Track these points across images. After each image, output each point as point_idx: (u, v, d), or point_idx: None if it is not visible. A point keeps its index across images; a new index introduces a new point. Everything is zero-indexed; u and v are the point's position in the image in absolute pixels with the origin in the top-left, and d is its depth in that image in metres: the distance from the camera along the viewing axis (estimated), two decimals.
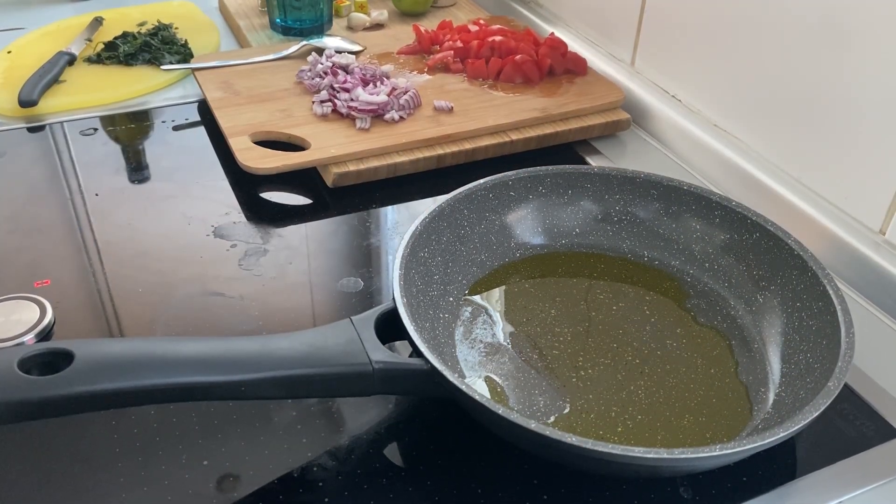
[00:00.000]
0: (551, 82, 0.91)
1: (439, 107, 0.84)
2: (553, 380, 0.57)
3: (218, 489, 0.50)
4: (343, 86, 0.84)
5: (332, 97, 0.83)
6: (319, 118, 0.82)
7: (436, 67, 0.93)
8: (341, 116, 0.82)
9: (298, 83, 0.88)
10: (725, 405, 0.56)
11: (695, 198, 0.67)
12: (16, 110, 0.87)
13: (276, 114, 0.82)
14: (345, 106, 0.82)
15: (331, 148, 0.78)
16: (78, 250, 0.70)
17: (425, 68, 0.93)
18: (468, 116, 0.84)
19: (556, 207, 0.69)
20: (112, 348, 0.48)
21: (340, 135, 0.80)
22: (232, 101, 0.84)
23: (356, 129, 0.80)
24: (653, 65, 0.91)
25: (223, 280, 0.67)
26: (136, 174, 0.80)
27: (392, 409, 0.56)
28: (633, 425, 0.54)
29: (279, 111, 0.83)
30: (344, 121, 0.82)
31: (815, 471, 0.53)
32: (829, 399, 0.48)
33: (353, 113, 0.81)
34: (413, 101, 0.84)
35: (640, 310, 0.63)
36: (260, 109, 0.83)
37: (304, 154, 0.77)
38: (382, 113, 0.82)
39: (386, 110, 0.82)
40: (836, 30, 0.68)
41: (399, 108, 0.83)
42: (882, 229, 0.68)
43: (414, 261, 0.59)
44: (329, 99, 0.83)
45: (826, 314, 0.56)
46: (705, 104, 0.85)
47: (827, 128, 0.70)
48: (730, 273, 0.65)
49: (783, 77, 0.74)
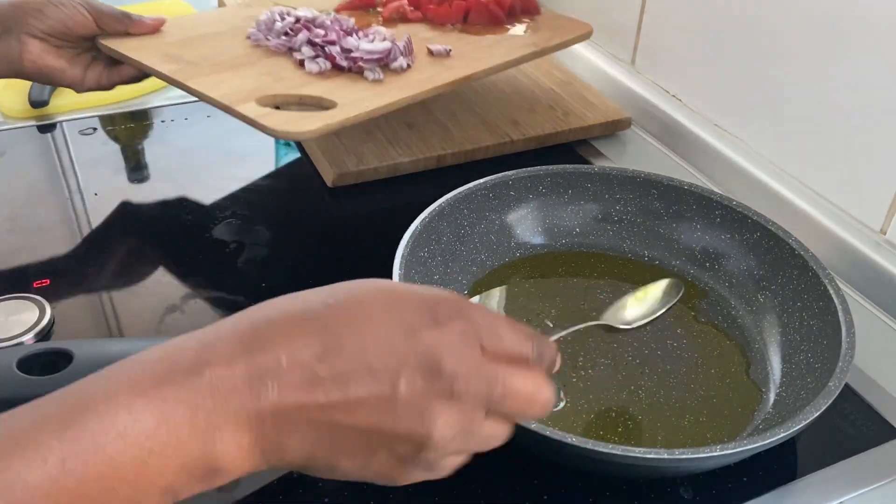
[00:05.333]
0: (515, 22, 0.88)
1: (437, 51, 0.79)
2: (553, 380, 0.57)
3: (218, 489, 0.50)
4: (326, 39, 0.75)
5: (319, 52, 0.74)
6: (317, 76, 0.73)
7: (392, 18, 0.87)
8: (341, 71, 0.74)
9: (255, 46, 0.77)
10: (726, 405, 0.56)
11: (695, 197, 0.66)
12: (17, 110, 0.87)
13: (264, 77, 0.71)
14: (344, 58, 0.74)
15: (362, 102, 0.69)
16: (77, 250, 0.70)
17: (379, 21, 0.86)
18: (470, 58, 0.78)
19: (556, 207, 0.69)
20: (111, 348, 0.48)
21: (358, 89, 0.71)
22: (196, 71, 0.71)
23: (369, 82, 0.72)
24: (653, 64, 0.91)
25: (223, 280, 0.67)
26: (136, 174, 0.80)
27: None
28: (633, 425, 0.54)
29: (265, 75, 0.72)
30: (347, 75, 0.73)
31: (815, 471, 0.53)
32: (830, 399, 0.48)
33: (361, 64, 0.73)
34: (410, 46, 0.77)
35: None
36: (240, 76, 0.71)
37: (339, 112, 0.67)
38: (388, 62, 0.74)
39: (392, 58, 0.74)
40: (837, 29, 0.67)
41: (403, 54, 0.75)
42: (883, 229, 0.68)
43: (414, 261, 0.59)
44: (318, 54, 0.74)
45: (827, 314, 0.56)
46: (705, 104, 0.84)
47: (827, 127, 0.70)
48: (730, 273, 0.65)
49: (784, 76, 0.74)
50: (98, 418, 0.30)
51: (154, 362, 0.33)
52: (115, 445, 0.30)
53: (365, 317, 0.35)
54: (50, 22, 0.71)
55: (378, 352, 0.34)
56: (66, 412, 0.30)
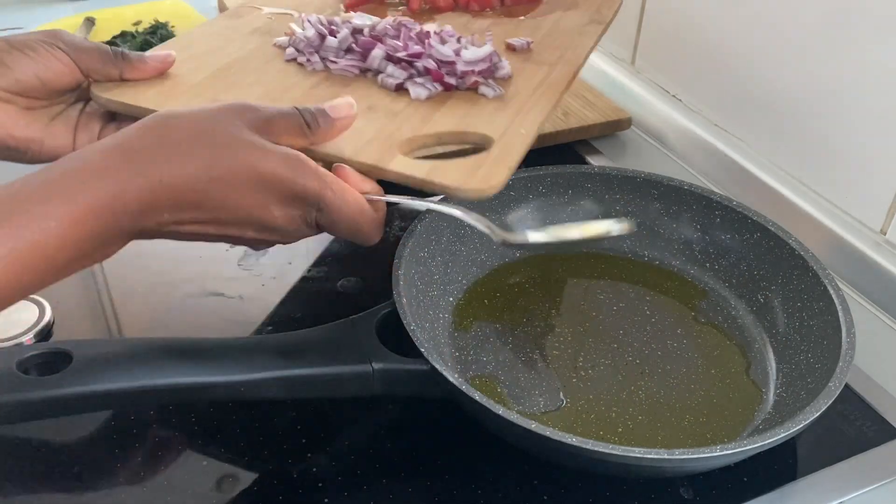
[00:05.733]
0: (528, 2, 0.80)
1: (519, 45, 0.68)
2: (553, 380, 0.57)
3: (218, 489, 0.50)
4: (412, 53, 0.60)
5: (408, 71, 0.60)
6: (426, 102, 0.58)
7: (421, 10, 0.76)
8: (448, 91, 0.60)
9: (307, 71, 0.62)
10: (726, 405, 0.56)
11: (695, 197, 0.66)
12: None
13: (371, 115, 0.56)
14: (456, 74, 0.60)
15: (515, 129, 0.56)
16: None
17: (405, 13, 0.75)
18: (551, 46, 0.69)
19: (556, 207, 0.68)
20: (111, 349, 0.48)
21: (489, 111, 0.58)
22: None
23: (490, 99, 0.60)
24: (653, 65, 0.91)
25: (223, 280, 0.67)
26: None
27: (392, 409, 0.56)
28: (633, 425, 0.54)
29: (366, 111, 0.56)
30: (459, 96, 0.60)
31: (815, 471, 0.53)
32: (830, 399, 0.48)
33: (477, 79, 0.60)
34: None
35: (641, 310, 0.63)
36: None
37: (506, 149, 0.54)
38: (494, 70, 0.63)
39: (496, 66, 0.62)
40: (837, 29, 0.67)
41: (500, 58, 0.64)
42: (883, 229, 0.68)
43: (414, 261, 0.59)
44: (410, 74, 0.60)
45: (827, 314, 0.56)
46: (705, 104, 0.84)
47: (828, 127, 0.70)
48: (730, 273, 0.65)
49: (784, 76, 0.74)
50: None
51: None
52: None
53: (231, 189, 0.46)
54: (15, 76, 0.52)
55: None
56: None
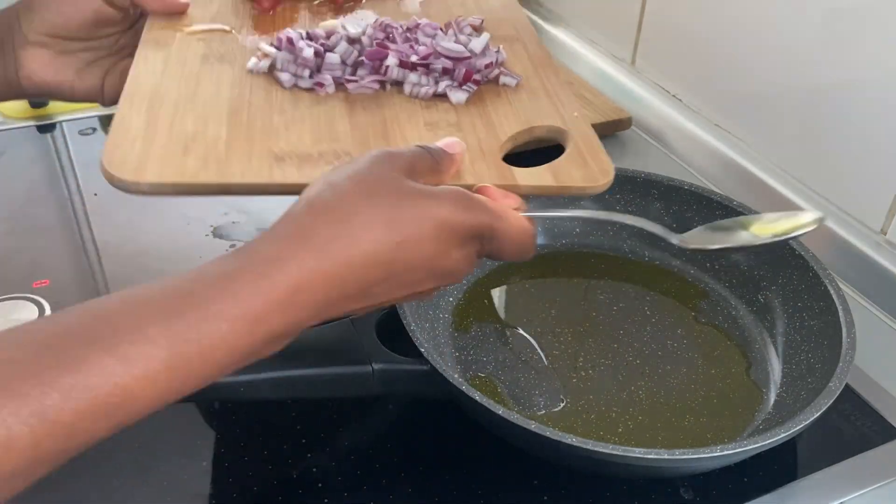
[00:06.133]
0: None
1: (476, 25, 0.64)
2: (553, 380, 0.57)
3: (218, 489, 0.50)
4: (423, 55, 0.56)
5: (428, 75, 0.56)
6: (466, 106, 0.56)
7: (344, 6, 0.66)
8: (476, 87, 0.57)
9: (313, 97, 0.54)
10: (726, 406, 0.55)
11: (695, 198, 0.66)
12: (17, 110, 0.87)
13: (453, 136, 0.49)
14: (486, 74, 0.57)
15: (569, 115, 0.56)
16: (77, 250, 0.70)
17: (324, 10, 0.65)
18: (495, 21, 0.66)
19: (556, 207, 0.68)
20: None
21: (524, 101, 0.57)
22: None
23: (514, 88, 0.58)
24: (653, 64, 0.91)
25: None
26: None
27: (392, 409, 0.56)
28: (633, 426, 0.54)
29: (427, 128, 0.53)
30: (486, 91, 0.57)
31: (816, 471, 0.53)
32: (831, 399, 0.48)
33: (499, 71, 0.58)
34: None
35: (641, 310, 0.63)
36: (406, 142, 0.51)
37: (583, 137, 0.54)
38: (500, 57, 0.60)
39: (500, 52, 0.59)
40: (837, 29, 0.67)
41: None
42: (883, 229, 0.68)
43: None
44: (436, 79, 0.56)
45: (827, 314, 0.56)
46: (705, 104, 0.84)
47: (828, 127, 0.70)
48: (731, 273, 0.65)
49: (784, 77, 0.74)
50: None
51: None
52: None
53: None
54: (49, 17, 0.56)
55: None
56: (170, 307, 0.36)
